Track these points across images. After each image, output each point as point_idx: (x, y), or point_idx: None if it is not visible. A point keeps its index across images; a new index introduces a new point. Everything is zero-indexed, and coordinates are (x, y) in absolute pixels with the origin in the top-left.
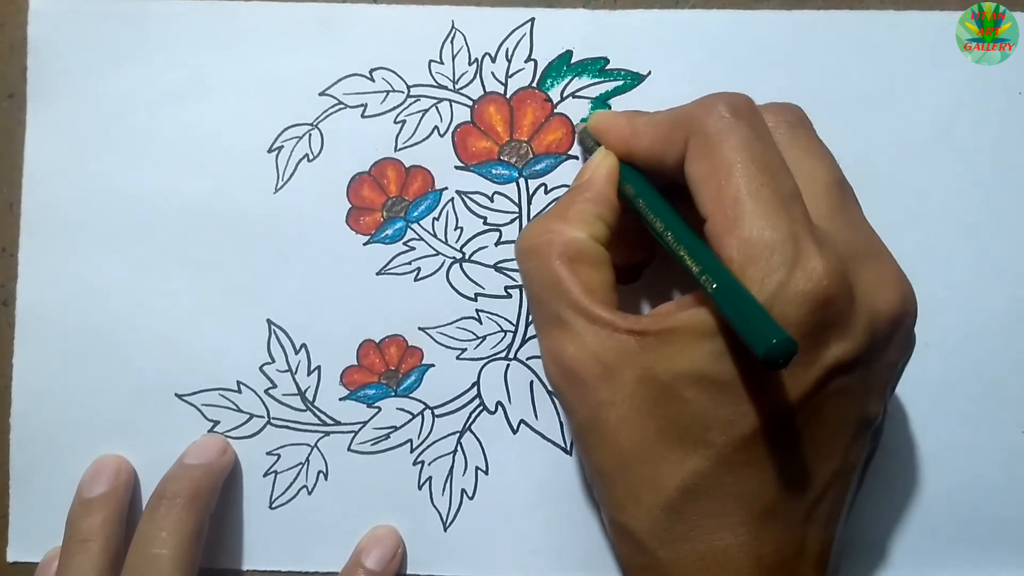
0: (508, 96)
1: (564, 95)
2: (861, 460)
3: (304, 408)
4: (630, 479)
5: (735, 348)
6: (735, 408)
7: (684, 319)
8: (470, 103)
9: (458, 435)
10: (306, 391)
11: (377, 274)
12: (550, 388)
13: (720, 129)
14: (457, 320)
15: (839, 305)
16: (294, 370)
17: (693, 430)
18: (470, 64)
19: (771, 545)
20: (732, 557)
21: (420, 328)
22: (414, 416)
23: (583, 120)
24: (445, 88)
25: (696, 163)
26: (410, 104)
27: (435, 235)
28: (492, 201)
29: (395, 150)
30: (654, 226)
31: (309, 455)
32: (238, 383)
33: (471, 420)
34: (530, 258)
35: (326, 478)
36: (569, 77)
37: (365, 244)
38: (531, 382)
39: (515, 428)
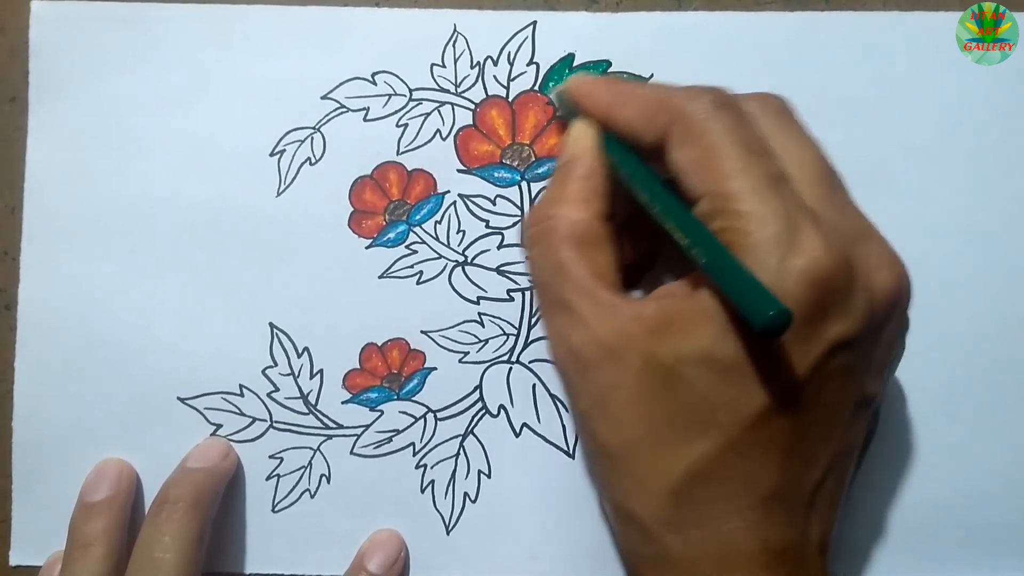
0: (510, 99)
1: None
2: (860, 441)
3: (306, 411)
4: (636, 464)
5: (737, 327)
6: (740, 388)
7: (687, 302)
8: (472, 106)
9: (460, 438)
10: (308, 394)
11: (379, 277)
12: (556, 372)
13: (704, 117)
14: (459, 323)
15: (838, 283)
16: (296, 373)
17: (700, 412)
18: (472, 67)
19: (777, 528)
20: (740, 541)
21: (422, 331)
22: (416, 419)
23: (555, 83)
24: (447, 91)
25: (681, 149)
26: (412, 107)
27: (437, 238)
28: (494, 204)
29: (397, 153)
30: (639, 198)
31: (311, 459)
32: (240, 387)
33: (473, 423)
34: (535, 245)
35: (328, 482)
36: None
37: (367, 247)
38: (533, 385)
39: (518, 431)
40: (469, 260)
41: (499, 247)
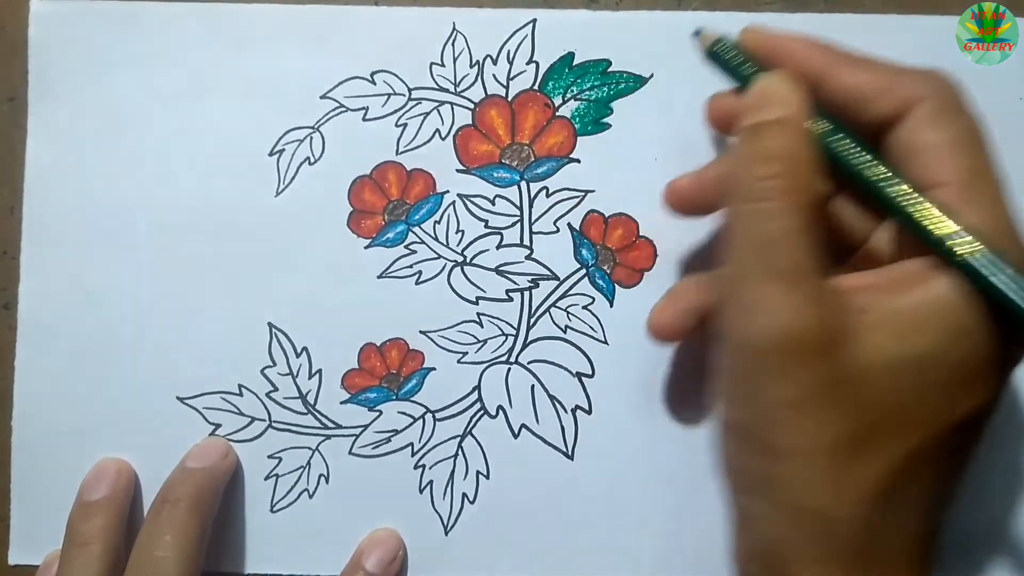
0: (509, 99)
1: (566, 98)
2: None
3: (305, 411)
4: (832, 461)
5: (960, 333)
6: (956, 395)
7: (916, 298)
8: (471, 106)
9: (459, 439)
10: (307, 394)
11: (378, 277)
12: (728, 355)
13: (962, 105)
14: (458, 324)
15: None
16: (295, 373)
17: (911, 412)
18: (471, 66)
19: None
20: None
21: (421, 331)
22: (415, 420)
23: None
24: (446, 91)
25: (932, 129)
26: (411, 107)
27: (436, 238)
28: (493, 204)
29: (396, 153)
30: (860, 178)
31: (310, 458)
32: (239, 386)
33: (472, 424)
34: (748, 200)
35: (327, 482)
36: (571, 79)
37: (366, 247)
38: (532, 386)
39: (516, 432)
40: (468, 260)
41: (498, 247)
